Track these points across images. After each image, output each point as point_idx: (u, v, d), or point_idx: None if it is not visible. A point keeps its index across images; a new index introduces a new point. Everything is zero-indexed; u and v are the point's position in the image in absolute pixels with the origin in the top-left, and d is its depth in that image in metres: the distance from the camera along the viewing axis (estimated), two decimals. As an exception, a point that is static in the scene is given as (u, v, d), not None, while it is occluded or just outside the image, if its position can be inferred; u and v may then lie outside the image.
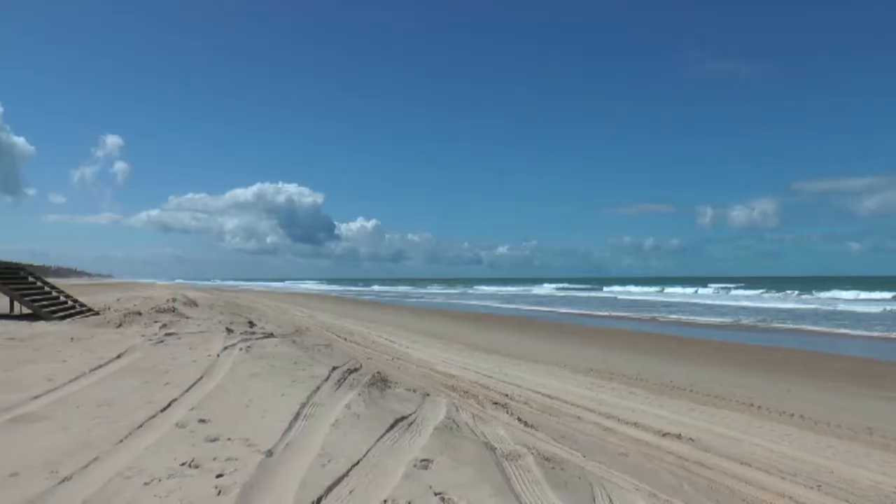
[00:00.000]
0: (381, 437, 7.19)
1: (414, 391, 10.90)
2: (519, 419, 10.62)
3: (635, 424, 11.54)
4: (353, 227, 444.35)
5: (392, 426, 7.73)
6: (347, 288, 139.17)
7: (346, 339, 22.32)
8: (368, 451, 6.56)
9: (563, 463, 7.34)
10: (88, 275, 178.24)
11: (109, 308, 30.15)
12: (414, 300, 76.15)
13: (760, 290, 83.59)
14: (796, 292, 76.04)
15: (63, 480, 5.61)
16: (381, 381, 10.99)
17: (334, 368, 11.87)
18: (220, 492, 5.29)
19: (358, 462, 6.18)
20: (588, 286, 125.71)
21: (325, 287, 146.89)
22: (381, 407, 8.90)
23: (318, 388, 9.86)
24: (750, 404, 13.92)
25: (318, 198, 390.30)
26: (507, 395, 13.34)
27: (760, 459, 9.74)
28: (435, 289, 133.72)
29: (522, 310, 53.87)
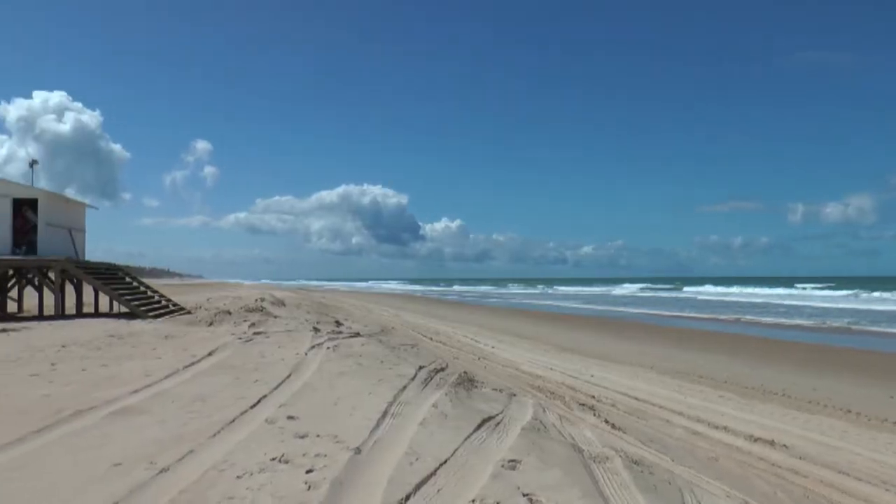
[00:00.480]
0: (469, 436, 7.18)
1: (500, 391, 10.88)
2: (606, 421, 10.49)
3: (725, 429, 11.25)
4: (438, 227, 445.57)
5: (479, 426, 7.72)
6: (429, 288, 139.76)
7: (431, 339, 22.44)
8: (456, 450, 6.57)
9: (652, 467, 7.21)
10: (180, 275, 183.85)
11: (200, 307, 31.02)
12: (497, 300, 76.06)
13: (852, 291, 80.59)
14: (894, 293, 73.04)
15: (161, 471, 5.79)
16: (467, 381, 11.00)
17: (421, 368, 11.93)
18: (309, 487, 5.37)
19: (445, 461, 6.18)
20: (670, 286, 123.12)
21: (407, 287, 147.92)
22: (467, 406, 8.91)
23: (404, 387, 9.93)
24: (847, 410, 13.41)
25: (403, 199, 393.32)
26: (593, 397, 13.20)
27: (861, 469, 9.35)
28: (517, 289, 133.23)
29: (604, 310, 53.23)
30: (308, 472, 5.71)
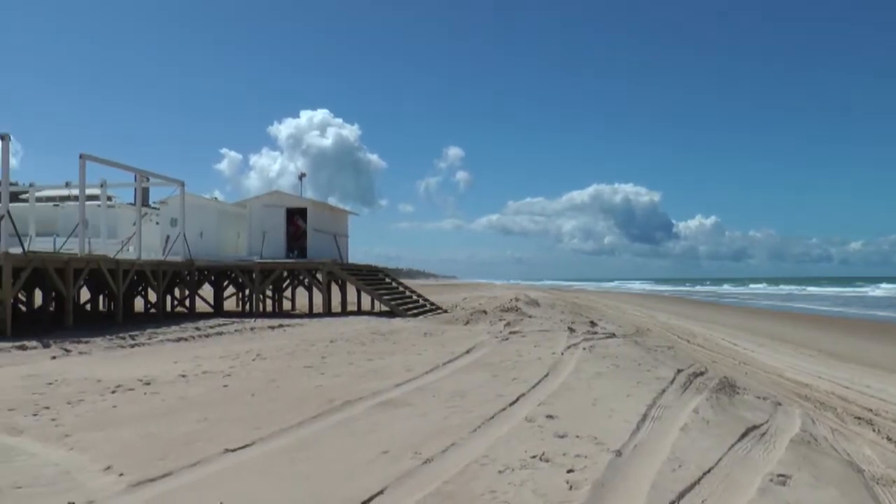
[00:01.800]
0: (733, 445, 6.85)
1: (764, 399, 10.29)
2: (888, 438, 9.58)
3: None
4: (692, 225, 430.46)
5: (743, 435, 7.34)
6: (677, 288, 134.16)
7: (688, 341, 21.70)
8: (720, 459, 6.28)
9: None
10: (435, 276, 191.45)
11: (456, 307, 32.11)
12: (754, 301, 71.89)
13: None
14: None
15: (426, 461, 6.03)
16: (728, 387, 10.52)
17: (679, 371, 11.57)
18: (571, 486, 5.35)
19: (709, 470, 5.93)
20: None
21: (656, 287, 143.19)
22: (730, 414, 8.51)
23: (663, 390, 9.67)
24: None
25: (655, 196, 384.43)
26: (870, 410, 12.11)
27: None
28: (771, 289, 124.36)
29: (866, 314, 48.60)
30: (569, 471, 5.70)
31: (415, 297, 31.38)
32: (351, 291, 31.10)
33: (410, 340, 17.12)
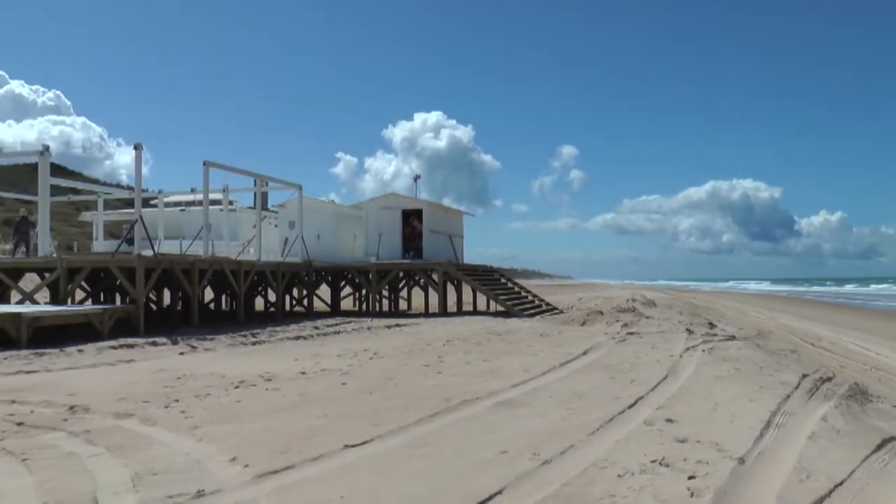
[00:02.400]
0: (867, 457, 6.51)
1: (900, 408, 9.79)
2: None
3: None
4: (815, 221, 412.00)
5: (879, 447, 6.96)
6: (796, 288, 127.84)
7: (812, 345, 20.83)
8: (853, 471, 5.99)
9: None
10: (550, 276, 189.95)
11: (572, 307, 31.85)
12: (885, 303, 68.38)
13: None
14: None
15: (544, 463, 6.00)
16: (860, 394, 10.02)
17: (804, 376, 11.12)
18: (692, 493, 5.22)
19: (841, 483, 5.66)
20: None
21: (774, 287, 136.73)
22: (862, 423, 8.12)
23: (787, 395, 9.32)
24: None
25: (775, 192, 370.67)
26: None
27: None
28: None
29: None
30: (690, 478, 5.56)
31: (530, 298, 31.30)
32: (466, 291, 31.28)
33: (527, 341, 17.08)
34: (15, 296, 21.97)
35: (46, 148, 21.76)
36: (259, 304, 30.02)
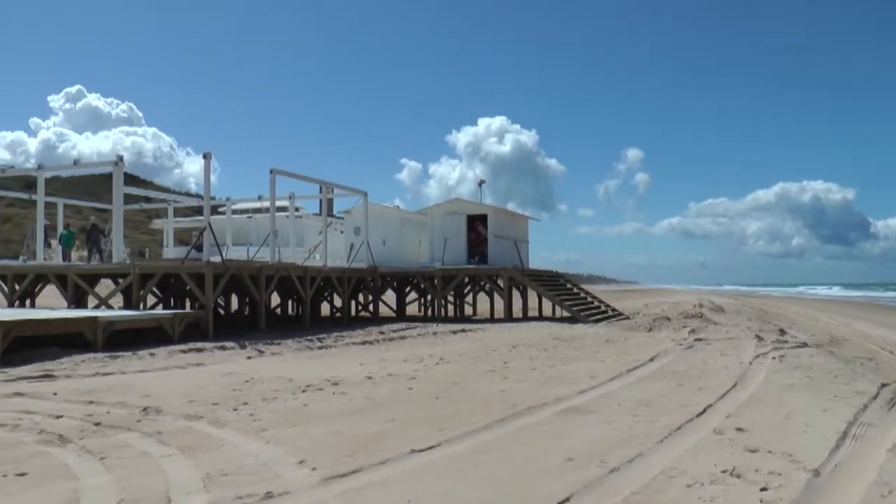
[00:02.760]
0: (952, 470, 6.28)
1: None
2: None
3: None
4: (893, 223, 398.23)
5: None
6: (869, 293, 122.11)
7: (891, 353, 20.21)
8: (937, 484, 5.79)
9: None
10: (616, 281, 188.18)
11: (638, 313, 31.42)
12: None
13: None
14: None
15: (612, 471, 5.94)
16: (943, 406, 9.69)
17: (883, 385, 10.77)
18: (765, 505, 5.12)
19: (924, 496, 5.48)
20: None
21: (846, 293, 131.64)
22: (946, 435, 7.84)
23: (865, 405, 9.04)
24: None
25: (849, 194, 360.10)
26: None
27: None
28: None
29: None
30: (762, 489, 5.44)
31: (596, 303, 31.01)
32: (531, 297, 31.14)
33: (593, 347, 16.94)
34: (91, 301, 22.63)
35: (120, 159, 22.42)
36: (325, 309, 30.35)
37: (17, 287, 23.21)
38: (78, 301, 22.27)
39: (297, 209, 31.64)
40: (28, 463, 6.31)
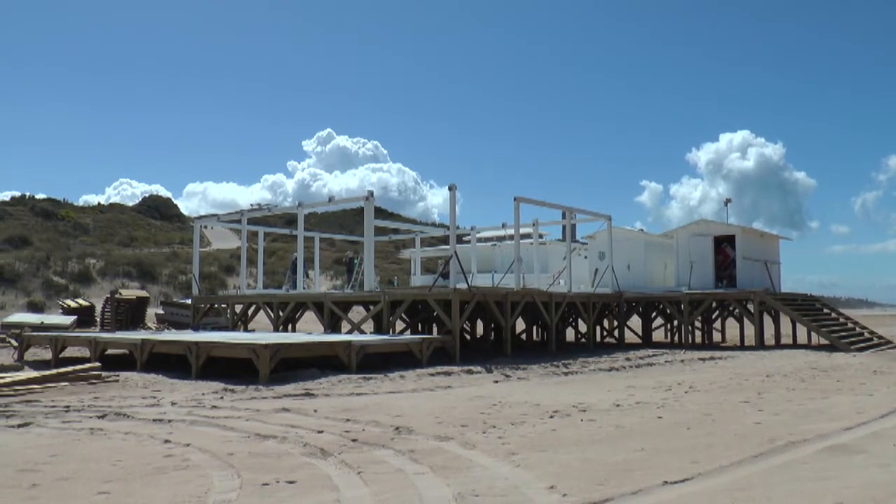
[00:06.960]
0: None
1: None
2: None
3: None
4: None
5: None
6: None
7: None
8: None
9: None
10: (879, 305, 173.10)
11: (910, 341, 28.71)
12: None
13: None
14: None
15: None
16: None
17: None
18: None
19: None
20: None
21: None
22: None
23: None
24: None
25: None
26: None
27: None
28: None
29: None
30: None
31: (857, 329, 28.66)
32: (784, 322, 29.40)
33: (857, 378, 15.70)
34: (344, 326, 24.17)
35: (371, 194, 23.89)
36: (569, 334, 30.38)
37: (280, 314, 25.23)
38: (333, 326, 23.89)
39: (540, 235, 31.99)
40: (296, 472, 6.94)
